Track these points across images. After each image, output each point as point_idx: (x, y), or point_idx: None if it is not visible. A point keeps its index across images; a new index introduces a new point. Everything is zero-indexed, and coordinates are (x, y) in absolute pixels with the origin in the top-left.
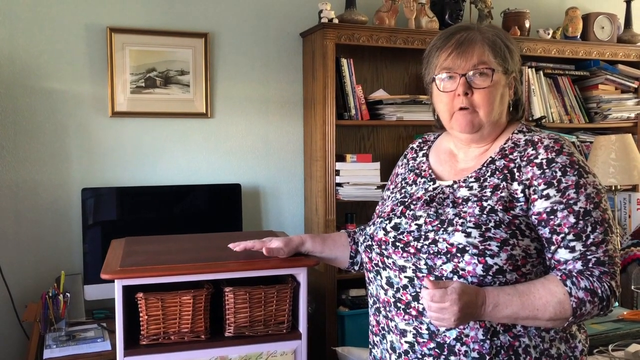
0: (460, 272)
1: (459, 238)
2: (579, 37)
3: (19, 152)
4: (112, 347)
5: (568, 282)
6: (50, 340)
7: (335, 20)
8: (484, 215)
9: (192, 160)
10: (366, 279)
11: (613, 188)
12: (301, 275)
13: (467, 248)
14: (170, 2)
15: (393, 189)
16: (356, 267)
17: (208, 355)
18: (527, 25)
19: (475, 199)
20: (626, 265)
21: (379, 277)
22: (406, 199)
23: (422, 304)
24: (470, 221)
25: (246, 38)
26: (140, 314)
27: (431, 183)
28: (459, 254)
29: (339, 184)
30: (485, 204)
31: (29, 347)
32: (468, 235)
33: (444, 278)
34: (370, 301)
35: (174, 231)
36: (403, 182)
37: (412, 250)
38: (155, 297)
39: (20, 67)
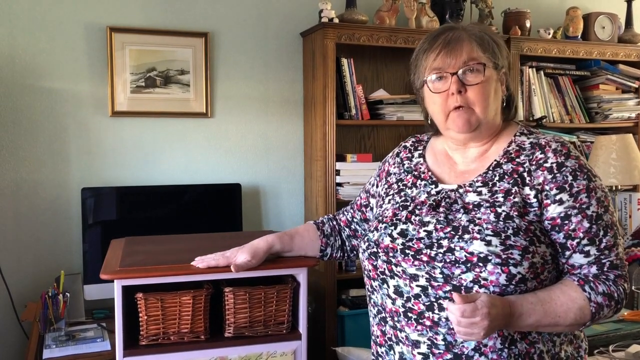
0: (482, 282)
1: (478, 247)
2: (579, 37)
3: (19, 151)
4: (112, 347)
5: (586, 287)
6: (49, 340)
7: (336, 20)
8: (501, 222)
9: (192, 159)
10: (368, 287)
11: (614, 188)
12: (301, 275)
13: (490, 257)
14: (170, 2)
15: (387, 189)
16: (325, 259)
17: (208, 355)
18: (527, 25)
19: (488, 204)
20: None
21: (385, 285)
22: (408, 203)
23: (437, 314)
24: (487, 228)
25: (246, 37)
26: (140, 314)
27: (433, 186)
28: (480, 264)
29: (339, 184)
30: (499, 210)
31: (29, 347)
32: (488, 243)
33: (463, 287)
34: (374, 311)
35: (174, 231)
36: (400, 184)
37: (424, 259)
38: (155, 298)
39: (20, 66)
